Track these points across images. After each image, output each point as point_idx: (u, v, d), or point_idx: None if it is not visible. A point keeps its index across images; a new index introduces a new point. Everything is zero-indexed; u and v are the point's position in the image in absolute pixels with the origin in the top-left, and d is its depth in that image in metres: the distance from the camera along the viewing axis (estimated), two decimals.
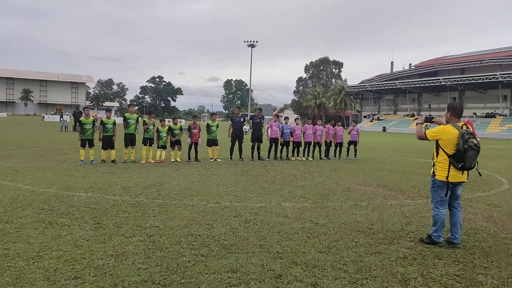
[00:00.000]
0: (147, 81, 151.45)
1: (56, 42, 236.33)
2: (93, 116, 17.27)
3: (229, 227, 6.15)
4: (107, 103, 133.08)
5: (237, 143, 15.55)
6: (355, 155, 17.70)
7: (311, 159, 16.68)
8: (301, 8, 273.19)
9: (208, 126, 15.20)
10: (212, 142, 15.10)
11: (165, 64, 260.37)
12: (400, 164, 16.01)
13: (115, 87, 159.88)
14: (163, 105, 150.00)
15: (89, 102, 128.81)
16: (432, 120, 6.08)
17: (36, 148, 17.50)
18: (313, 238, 5.73)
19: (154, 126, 14.22)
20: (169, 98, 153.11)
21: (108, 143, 13.33)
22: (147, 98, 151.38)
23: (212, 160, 14.95)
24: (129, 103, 14.90)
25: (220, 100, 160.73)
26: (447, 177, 5.54)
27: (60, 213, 6.65)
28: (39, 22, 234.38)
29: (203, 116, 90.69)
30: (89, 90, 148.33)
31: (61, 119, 38.04)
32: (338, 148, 17.60)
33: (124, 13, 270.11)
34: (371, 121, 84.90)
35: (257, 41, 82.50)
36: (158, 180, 10.23)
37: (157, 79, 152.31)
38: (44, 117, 74.98)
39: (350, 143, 17.82)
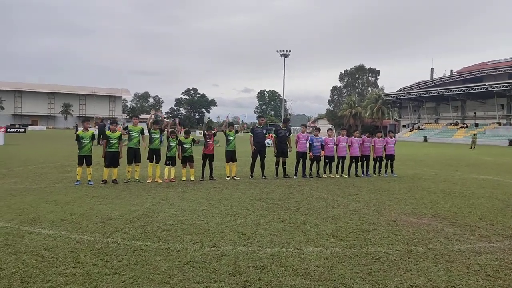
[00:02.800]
0: (181, 93, 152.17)
1: (95, 57, 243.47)
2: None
3: None
4: (143, 116, 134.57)
5: (259, 158, 13.44)
6: (392, 170, 15.16)
7: (346, 176, 14.29)
8: (334, 16, 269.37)
9: (226, 135, 13.21)
10: (230, 157, 13.04)
11: (200, 76, 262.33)
12: (454, 183, 13.35)
13: (151, 100, 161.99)
14: (197, 117, 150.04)
15: (126, 115, 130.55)
16: None
17: (42, 164, 16.04)
18: None
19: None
20: (203, 110, 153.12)
21: (112, 160, 11.54)
22: (182, 110, 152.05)
23: (229, 178, 12.88)
24: (130, 114, 13.63)
25: (254, 111, 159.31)
26: None
27: None
28: (79, 39, 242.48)
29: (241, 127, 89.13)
30: (126, 103, 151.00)
31: None
32: (378, 163, 15.12)
33: (160, 29, 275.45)
34: (410, 131, 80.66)
35: (289, 51, 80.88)
36: (152, 208, 8.23)
37: (192, 91, 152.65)
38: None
39: (387, 157, 15.26)
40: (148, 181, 11.91)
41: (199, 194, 10.11)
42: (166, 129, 12.72)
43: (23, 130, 66.28)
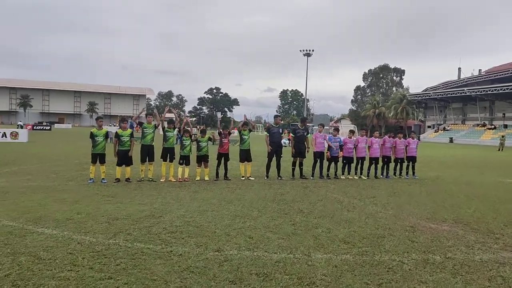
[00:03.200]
0: (204, 93, 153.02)
1: (121, 57, 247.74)
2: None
3: None
4: (171, 114, 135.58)
5: (275, 158, 13.13)
6: (414, 172, 14.57)
7: (365, 178, 13.84)
8: (358, 15, 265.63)
9: (240, 134, 12.96)
10: (245, 157, 12.79)
11: (223, 76, 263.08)
12: (478, 186, 12.73)
13: (174, 99, 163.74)
14: (222, 114, 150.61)
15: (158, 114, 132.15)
16: None
17: (60, 162, 16.16)
18: None
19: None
20: (226, 109, 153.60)
21: (123, 159, 11.45)
22: (205, 109, 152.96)
23: (243, 178, 12.62)
24: (146, 112, 13.38)
25: (276, 110, 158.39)
26: None
27: None
28: (105, 39, 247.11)
29: (256, 127, 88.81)
30: (150, 102, 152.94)
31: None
32: (399, 164, 14.58)
33: (184, 28, 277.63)
34: (436, 131, 78.76)
35: (313, 50, 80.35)
36: (161, 208, 8.04)
37: (214, 91, 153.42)
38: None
39: (408, 159, 14.69)
40: (161, 180, 11.76)
41: (211, 194, 9.89)
42: (179, 127, 12.54)
43: (49, 128, 67.77)
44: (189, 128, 12.62)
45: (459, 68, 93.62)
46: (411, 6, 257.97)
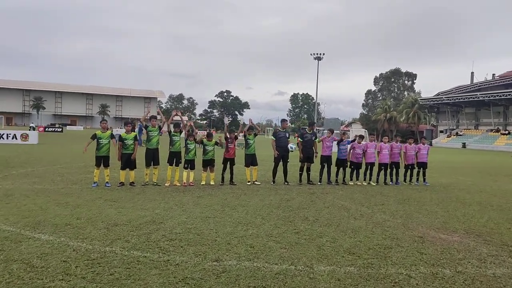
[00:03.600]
0: (215, 96, 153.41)
1: (132, 60, 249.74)
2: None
3: None
4: (178, 117, 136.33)
5: (281, 163, 12.90)
6: (424, 179, 14.22)
7: (374, 184, 13.52)
8: (369, 19, 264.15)
9: (245, 138, 12.77)
10: (250, 161, 12.59)
11: (234, 79, 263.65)
12: (492, 194, 12.34)
13: (185, 102, 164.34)
14: (230, 119, 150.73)
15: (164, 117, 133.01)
16: None
17: (67, 165, 16.13)
18: None
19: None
20: (236, 112, 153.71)
21: (127, 162, 11.31)
22: (215, 112, 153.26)
23: (249, 183, 12.41)
24: (151, 115, 13.08)
25: (287, 114, 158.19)
26: None
27: None
28: (117, 41, 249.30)
29: (266, 130, 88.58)
30: (161, 105, 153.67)
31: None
32: (409, 170, 14.23)
33: (195, 32, 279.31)
34: (448, 137, 77.64)
35: (323, 54, 79.79)
36: (163, 214, 7.87)
37: (225, 94, 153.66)
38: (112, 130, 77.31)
39: (419, 165, 14.34)
40: (166, 184, 11.61)
41: (215, 199, 9.69)
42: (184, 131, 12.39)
43: (61, 130, 68.33)
44: (192, 132, 12.44)
45: (472, 73, 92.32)
46: (423, 10, 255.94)
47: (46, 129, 65.93)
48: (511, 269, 5.38)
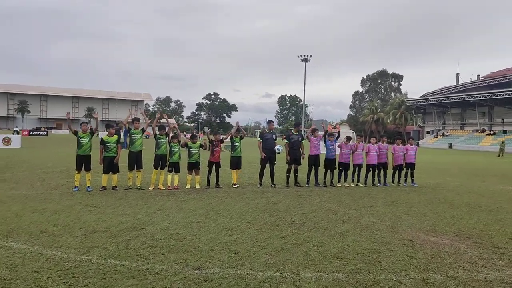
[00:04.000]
0: (203, 98, 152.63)
1: (118, 63, 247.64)
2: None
3: None
4: (164, 120, 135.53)
5: (268, 165, 12.68)
6: (412, 180, 14.12)
7: (362, 185, 13.37)
8: (356, 21, 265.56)
9: (232, 141, 12.53)
10: (236, 164, 12.35)
11: (221, 81, 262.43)
12: (480, 195, 12.27)
13: (172, 105, 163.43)
14: (218, 121, 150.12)
15: (148, 118, 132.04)
16: None
17: (48, 169, 15.67)
18: None
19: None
20: (224, 115, 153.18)
21: (109, 166, 10.98)
22: (203, 115, 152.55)
23: (235, 186, 12.16)
24: (133, 118, 12.63)
25: (274, 116, 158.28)
26: None
27: None
28: (103, 45, 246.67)
29: (254, 132, 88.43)
30: (148, 108, 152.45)
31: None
32: (397, 172, 14.12)
33: (182, 34, 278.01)
34: (435, 137, 78.43)
35: (310, 55, 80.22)
36: (144, 220, 7.57)
37: (213, 96, 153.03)
38: (98, 134, 76.40)
39: (407, 165, 14.24)
40: (150, 188, 11.30)
41: (199, 204, 9.42)
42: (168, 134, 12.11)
43: (45, 133, 67.22)
44: (176, 134, 12.16)
45: (458, 74, 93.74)
46: (409, 12, 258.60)
47: (31, 133, 64.75)
48: (503, 273, 5.22)
